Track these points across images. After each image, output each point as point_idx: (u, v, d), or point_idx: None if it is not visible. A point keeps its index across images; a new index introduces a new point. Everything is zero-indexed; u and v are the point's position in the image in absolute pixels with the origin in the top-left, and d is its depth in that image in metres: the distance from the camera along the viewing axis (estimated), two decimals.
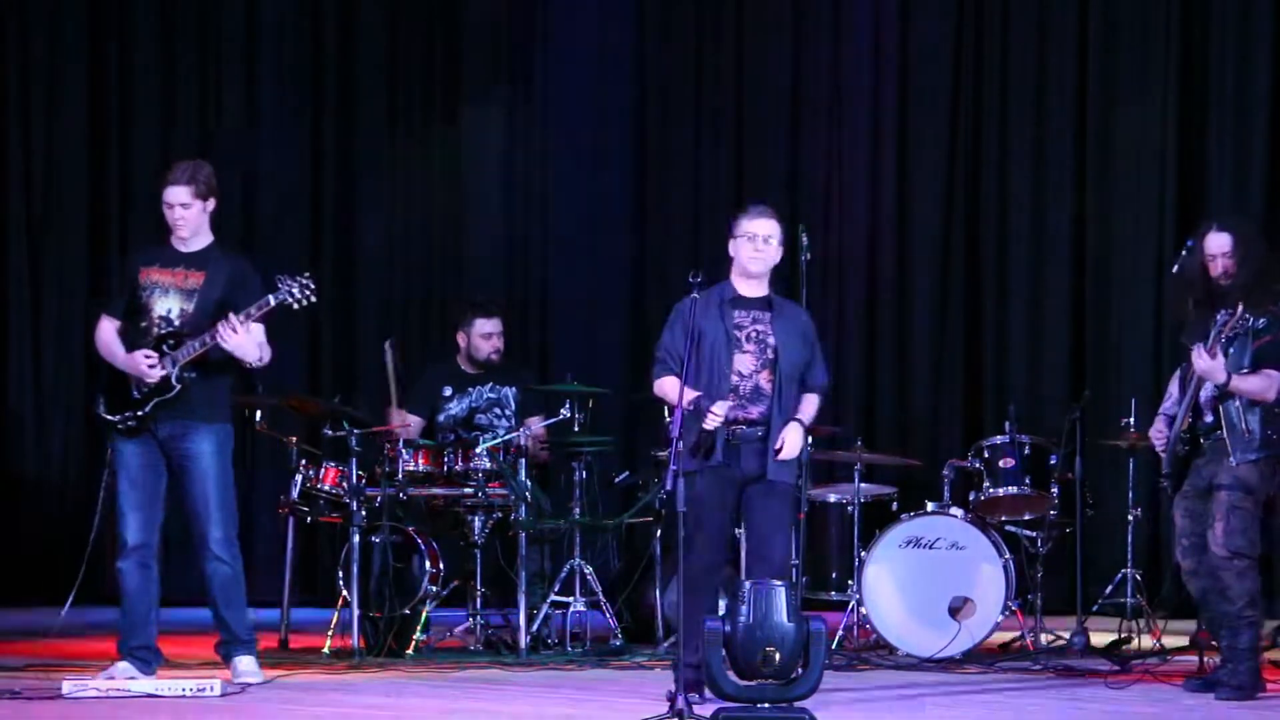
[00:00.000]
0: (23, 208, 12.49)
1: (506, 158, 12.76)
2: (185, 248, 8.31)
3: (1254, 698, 7.87)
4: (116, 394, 8.24)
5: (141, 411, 8.17)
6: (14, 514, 12.35)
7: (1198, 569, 8.06)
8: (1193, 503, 8.06)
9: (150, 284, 8.25)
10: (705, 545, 7.72)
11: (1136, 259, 11.81)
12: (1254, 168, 11.68)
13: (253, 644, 8.35)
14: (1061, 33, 12.03)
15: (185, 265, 8.28)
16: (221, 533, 8.21)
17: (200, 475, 8.19)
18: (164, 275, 8.27)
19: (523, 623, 9.30)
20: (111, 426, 8.23)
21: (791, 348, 7.85)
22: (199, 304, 8.20)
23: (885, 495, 10.03)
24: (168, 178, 8.35)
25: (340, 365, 12.62)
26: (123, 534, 8.21)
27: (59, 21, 12.48)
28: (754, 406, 7.79)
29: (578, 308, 12.60)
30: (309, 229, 12.69)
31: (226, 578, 8.23)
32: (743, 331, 7.83)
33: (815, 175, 12.38)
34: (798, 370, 7.88)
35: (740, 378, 7.79)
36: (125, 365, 8.19)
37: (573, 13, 12.72)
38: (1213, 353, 7.80)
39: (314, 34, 12.73)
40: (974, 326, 12.12)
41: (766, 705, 6.74)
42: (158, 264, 8.30)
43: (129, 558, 8.21)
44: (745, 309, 7.87)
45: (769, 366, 7.81)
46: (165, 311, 8.22)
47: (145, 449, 8.23)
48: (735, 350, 7.78)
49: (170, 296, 8.24)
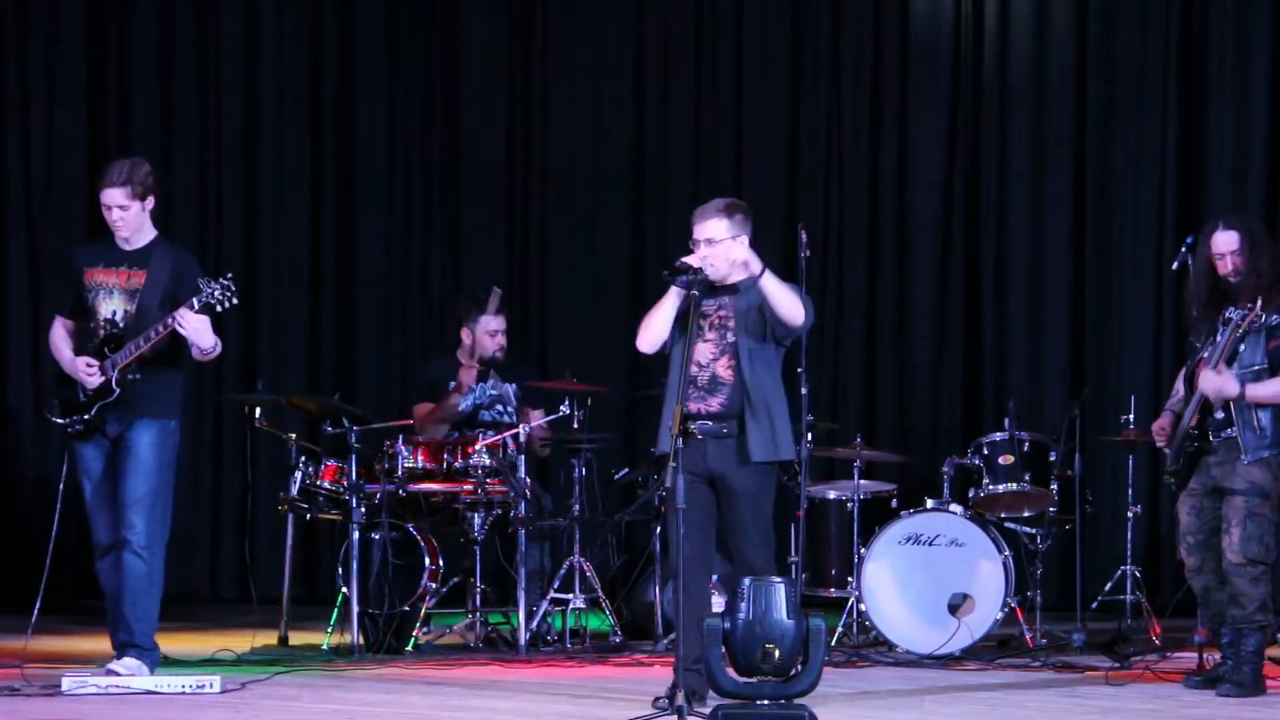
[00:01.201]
0: (22, 207, 12.48)
1: (507, 157, 12.75)
2: (128, 246, 8.27)
3: (1255, 696, 7.88)
4: (66, 397, 8.23)
5: (88, 415, 8.15)
6: (15, 514, 12.34)
7: (1200, 567, 8.07)
8: (1199, 500, 8.06)
9: (95, 285, 8.22)
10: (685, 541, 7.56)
11: (1136, 256, 11.80)
12: (1253, 166, 11.67)
13: (153, 653, 8.16)
14: (1062, 30, 12.01)
15: (128, 265, 8.24)
16: (144, 526, 8.05)
17: (133, 466, 8.08)
18: (108, 276, 8.23)
19: (522, 620, 9.30)
20: (62, 430, 8.23)
21: (749, 320, 7.53)
22: (141, 304, 8.15)
23: (885, 492, 10.03)
24: (103, 179, 8.27)
25: (339, 363, 12.61)
26: (95, 536, 8.20)
27: (58, 20, 12.47)
28: (713, 397, 7.55)
29: (577, 305, 12.59)
30: (309, 228, 12.67)
31: (139, 574, 8.05)
32: (706, 320, 7.59)
33: (815, 174, 12.36)
34: (761, 340, 7.53)
35: (699, 368, 7.55)
36: (69, 370, 8.20)
37: (573, 14, 12.71)
38: (1219, 369, 7.80)
39: (314, 32, 12.71)
40: (974, 323, 12.11)
41: (766, 702, 6.74)
42: (101, 264, 8.26)
43: (104, 559, 8.20)
44: (714, 297, 7.63)
45: (728, 351, 7.55)
46: (110, 314, 8.18)
47: (99, 450, 8.21)
48: (697, 339, 7.52)
49: (115, 298, 8.21)
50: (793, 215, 11.75)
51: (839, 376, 12.25)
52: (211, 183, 12.55)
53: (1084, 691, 8.14)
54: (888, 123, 12.28)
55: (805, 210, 12.04)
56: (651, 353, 7.67)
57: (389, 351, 12.65)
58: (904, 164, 12.27)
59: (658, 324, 7.59)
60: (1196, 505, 8.07)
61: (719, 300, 7.61)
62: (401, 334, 12.69)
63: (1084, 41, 11.97)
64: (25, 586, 11.68)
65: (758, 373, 7.54)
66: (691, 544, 7.33)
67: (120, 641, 8.15)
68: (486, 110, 12.70)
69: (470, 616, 9.61)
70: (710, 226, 7.58)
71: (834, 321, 12.25)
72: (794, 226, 9.07)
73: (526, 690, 8.09)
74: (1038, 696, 8.00)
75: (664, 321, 7.58)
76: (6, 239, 12.47)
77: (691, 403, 7.49)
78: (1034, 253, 12.04)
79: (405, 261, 12.75)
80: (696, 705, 7.02)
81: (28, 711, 7.31)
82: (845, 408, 12.09)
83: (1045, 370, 11.97)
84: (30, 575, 11.72)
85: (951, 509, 9.54)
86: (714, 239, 7.56)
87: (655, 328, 7.59)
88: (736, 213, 7.63)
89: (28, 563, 11.93)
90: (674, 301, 7.55)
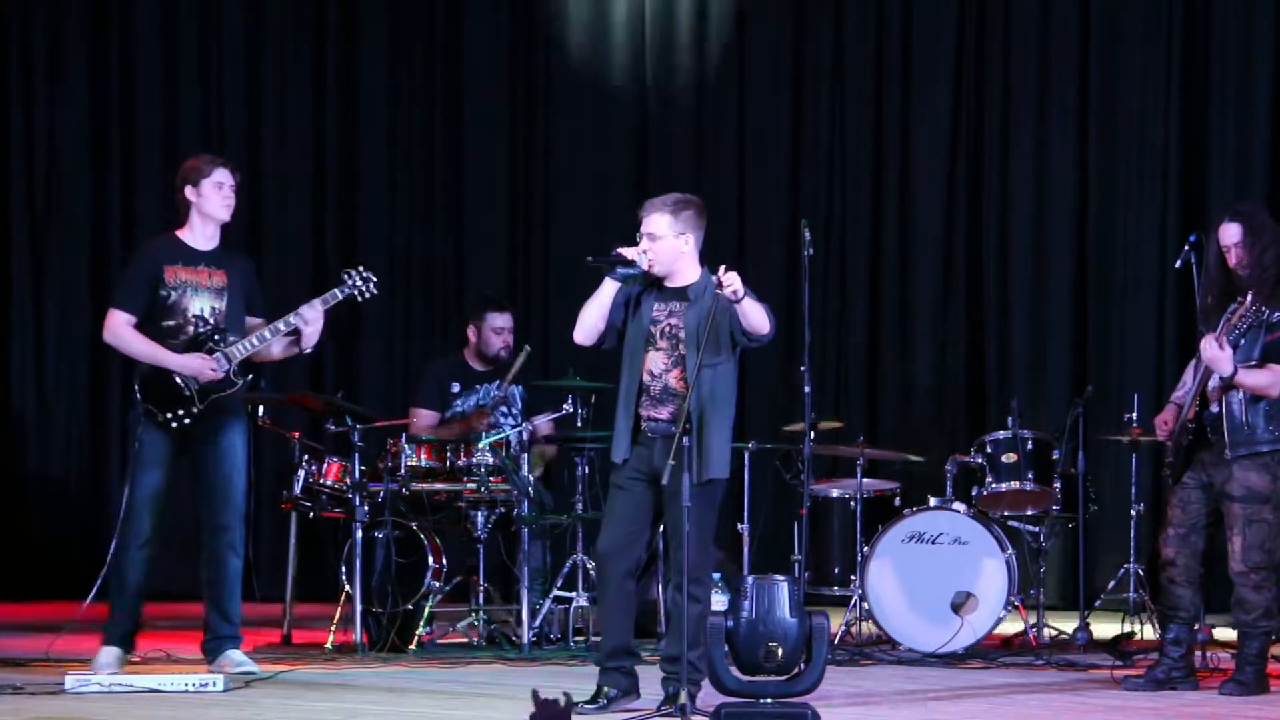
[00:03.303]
0: (24, 205, 12.48)
1: (509, 156, 12.75)
2: (201, 245, 8.34)
3: (1258, 695, 7.88)
4: (161, 392, 8.22)
5: (196, 409, 8.19)
6: (18, 511, 12.35)
7: (1174, 559, 8.04)
8: (1189, 493, 8.05)
9: (180, 283, 8.27)
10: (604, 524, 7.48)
11: (1139, 254, 11.80)
12: (1256, 164, 11.68)
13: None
14: (1063, 28, 12.01)
15: (205, 264, 8.33)
16: (240, 525, 8.32)
17: (231, 468, 8.28)
18: (189, 274, 8.29)
19: (525, 618, 9.30)
20: (165, 425, 8.21)
21: (701, 334, 7.22)
22: (230, 303, 8.27)
23: (888, 490, 10.03)
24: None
25: (342, 361, 12.62)
26: (141, 527, 8.22)
27: (60, 13, 12.47)
28: (663, 407, 7.35)
29: (579, 302, 12.56)
30: (312, 225, 12.68)
31: (238, 570, 8.34)
32: (657, 327, 7.35)
33: (818, 172, 12.37)
34: (715, 353, 7.25)
35: (651, 377, 7.34)
36: (178, 366, 8.18)
37: (574, 14, 12.71)
38: (1221, 343, 7.78)
39: (317, 30, 12.72)
40: (977, 321, 12.11)
41: (769, 700, 6.74)
42: (180, 262, 8.31)
43: (143, 550, 8.24)
44: (664, 301, 7.39)
45: (680, 364, 7.31)
46: (200, 310, 8.25)
47: (177, 446, 8.25)
48: (649, 348, 7.35)
49: (202, 295, 8.27)
50: (795, 212, 11.76)
51: (842, 374, 12.24)
52: None
53: (1087, 690, 8.14)
54: (890, 120, 12.28)
55: (808, 207, 12.04)
56: (588, 345, 7.48)
57: (391, 349, 12.65)
58: (907, 161, 12.27)
59: (590, 315, 7.39)
60: (1185, 499, 8.05)
61: (669, 306, 7.39)
62: (404, 332, 12.70)
63: (1087, 39, 11.97)
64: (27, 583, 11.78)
65: (704, 390, 7.27)
66: (613, 536, 7.36)
67: (222, 634, 8.31)
68: (489, 108, 12.70)
69: (473, 615, 9.61)
70: (654, 221, 7.34)
71: (837, 319, 12.25)
72: (797, 223, 9.06)
73: (529, 688, 8.07)
74: (1041, 695, 7.99)
75: (597, 313, 7.37)
76: (10, 237, 12.49)
77: (643, 409, 7.36)
78: (1037, 250, 12.04)
79: (408, 259, 12.75)
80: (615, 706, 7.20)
81: (31, 709, 7.31)
82: (848, 406, 12.09)
83: (1048, 368, 11.97)
84: (35, 571, 11.84)
85: (955, 507, 9.54)
86: (655, 234, 7.36)
87: (588, 319, 7.39)
88: (685, 210, 7.39)
89: (33, 559, 12.02)
90: (609, 293, 7.35)
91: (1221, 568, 8.06)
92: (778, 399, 11.75)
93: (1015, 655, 9.28)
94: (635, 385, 7.34)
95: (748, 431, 10.26)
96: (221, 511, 8.27)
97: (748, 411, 11.22)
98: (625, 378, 7.41)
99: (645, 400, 7.35)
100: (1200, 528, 8.03)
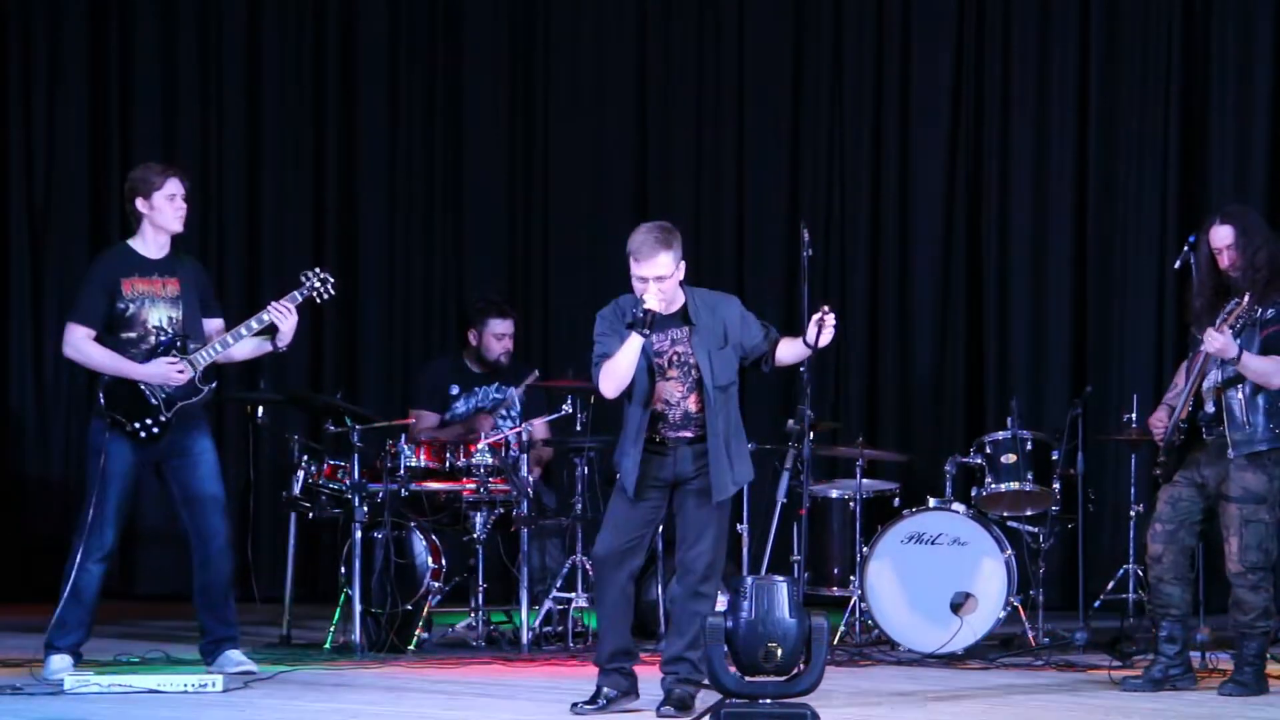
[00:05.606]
0: (24, 206, 12.48)
1: (508, 155, 12.75)
2: (153, 254, 8.33)
3: (1258, 695, 7.89)
4: (127, 401, 8.22)
5: (164, 417, 8.19)
6: (18, 511, 12.35)
7: (1160, 557, 8.05)
8: (1181, 490, 8.05)
9: (138, 295, 8.27)
10: (607, 529, 7.52)
11: (1138, 255, 11.79)
12: (1255, 165, 11.66)
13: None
14: (1063, 30, 12.01)
15: (159, 273, 8.34)
16: (228, 528, 8.38)
17: (209, 473, 8.32)
18: (146, 284, 8.29)
19: (525, 619, 9.30)
20: (134, 435, 8.21)
21: (718, 360, 7.40)
22: (186, 309, 8.25)
23: (887, 491, 10.03)
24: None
25: (341, 361, 12.61)
26: (105, 539, 8.21)
27: (60, 13, 12.46)
28: (684, 431, 7.42)
29: (578, 306, 12.58)
30: (312, 228, 12.67)
31: (231, 571, 8.37)
32: (663, 357, 7.39)
33: (817, 173, 12.36)
34: (731, 378, 7.45)
35: (668, 406, 7.39)
36: (143, 375, 8.19)
37: (574, 17, 12.70)
38: (1223, 330, 7.78)
39: (316, 36, 12.70)
40: (976, 322, 12.10)
41: (768, 701, 6.74)
42: (136, 273, 8.30)
43: (102, 563, 8.24)
44: (662, 330, 7.40)
45: (695, 390, 7.39)
46: (159, 321, 8.25)
47: (142, 456, 8.25)
48: (659, 378, 7.38)
49: (159, 306, 8.27)
50: (794, 214, 11.75)
51: (841, 375, 12.24)
52: (214, 184, 12.53)
53: (1086, 690, 8.14)
54: (890, 122, 12.27)
55: (807, 209, 12.03)
56: (614, 398, 7.49)
57: (391, 351, 12.64)
58: (906, 162, 12.25)
59: (623, 371, 7.34)
60: (1175, 496, 8.06)
61: (669, 334, 7.42)
62: (403, 334, 12.69)
63: (1086, 39, 11.97)
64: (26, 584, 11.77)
65: (722, 412, 7.42)
66: (616, 542, 7.43)
67: (220, 636, 8.35)
68: (488, 112, 12.69)
69: (472, 616, 9.61)
70: (659, 264, 7.31)
71: (836, 320, 12.22)
72: (796, 225, 9.06)
73: (529, 689, 8.09)
74: (1040, 695, 8.00)
75: (630, 369, 7.34)
76: (9, 241, 12.48)
77: (662, 432, 7.42)
78: (1036, 251, 12.03)
79: (407, 262, 12.73)
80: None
81: (31, 710, 7.31)
82: (847, 406, 12.08)
83: (1048, 369, 11.96)
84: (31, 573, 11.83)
85: (954, 508, 9.55)
86: (664, 275, 7.33)
87: (620, 375, 7.35)
88: (674, 238, 7.39)
89: (31, 560, 12.01)
90: (638, 347, 7.33)
91: (1219, 568, 8.07)
92: (777, 400, 11.73)
93: (1014, 656, 9.28)
94: (647, 418, 7.37)
95: (748, 432, 10.23)
96: (209, 519, 8.29)
97: (748, 412, 11.19)
98: (635, 413, 7.43)
99: (664, 426, 7.41)
100: (1190, 525, 8.04)
